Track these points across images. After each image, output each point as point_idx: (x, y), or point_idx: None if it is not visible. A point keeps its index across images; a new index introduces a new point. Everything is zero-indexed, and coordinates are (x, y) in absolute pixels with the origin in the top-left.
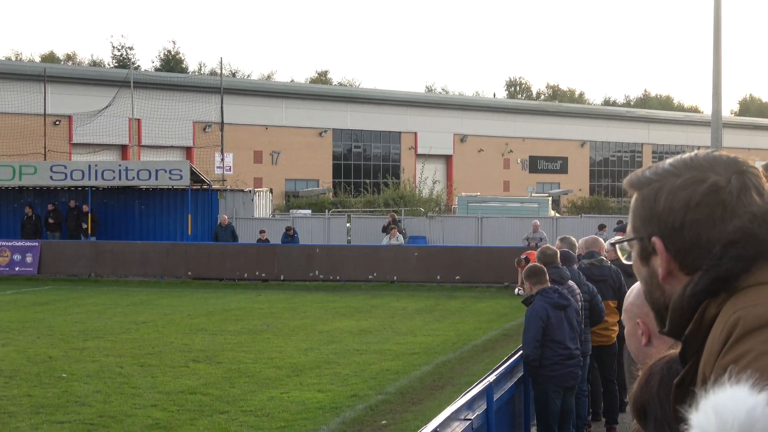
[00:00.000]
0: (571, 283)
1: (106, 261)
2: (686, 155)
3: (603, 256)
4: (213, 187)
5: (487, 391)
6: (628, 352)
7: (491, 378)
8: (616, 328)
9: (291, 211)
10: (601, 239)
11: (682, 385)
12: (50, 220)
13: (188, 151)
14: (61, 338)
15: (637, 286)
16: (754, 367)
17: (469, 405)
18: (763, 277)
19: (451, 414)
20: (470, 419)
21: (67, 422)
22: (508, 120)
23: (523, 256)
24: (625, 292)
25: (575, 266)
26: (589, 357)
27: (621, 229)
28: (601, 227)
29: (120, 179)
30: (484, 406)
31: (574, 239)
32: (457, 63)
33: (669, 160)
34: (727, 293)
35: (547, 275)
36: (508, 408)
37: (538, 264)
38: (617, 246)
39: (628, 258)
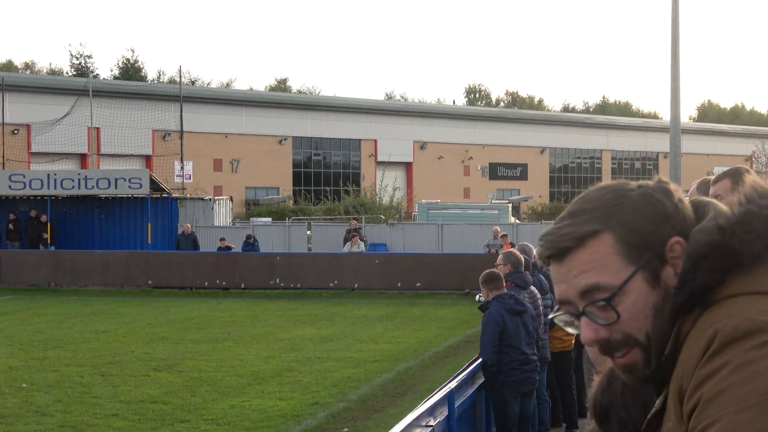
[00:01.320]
0: (532, 288)
1: (65, 270)
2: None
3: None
4: (173, 195)
5: (449, 398)
6: (587, 356)
7: (452, 384)
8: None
9: (251, 219)
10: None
11: (657, 416)
12: (11, 228)
13: (148, 159)
14: (21, 348)
15: None
16: (731, 380)
17: (431, 411)
18: (736, 289)
19: (413, 420)
20: (432, 425)
21: None
22: (467, 127)
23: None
24: None
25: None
26: (547, 363)
27: None
28: None
29: (79, 188)
30: (445, 413)
31: (531, 246)
32: (417, 70)
33: (592, 196)
34: (701, 307)
35: (504, 282)
36: (470, 414)
37: (495, 270)
38: (566, 325)
39: (595, 320)
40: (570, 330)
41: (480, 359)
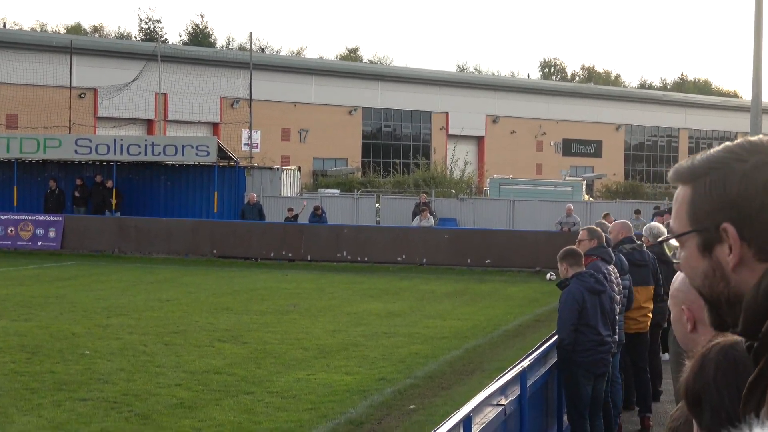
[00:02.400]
0: (612, 267)
1: (130, 237)
2: (740, 141)
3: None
4: (240, 164)
5: (521, 377)
6: (675, 338)
7: (525, 363)
8: (651, 315)
9: (319, 190)
10: (630, 224)
11: (755, 384)
12: (77, 194)
13: (215, 127)
14: (84, 315)
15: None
16: None
17: (503, 390)
18: None
19: (485, 399)
20: (503, 404)
21: (89, 400)
22: (541, 101)
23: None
24: (660, 278)
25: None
26: (621, 345)
27: (659, 214)
28: (637, 213)
29: (146, 154)
30: (517, 392)
31: (607, 224)
32: (491, 42)
33: (719, 148)
34: None
35: (583, 259)
36: (541, 394)
37: (575, 247)
38: (665, 243)
39: (675, 255)
40: (675, 260)
41: (555, 338)
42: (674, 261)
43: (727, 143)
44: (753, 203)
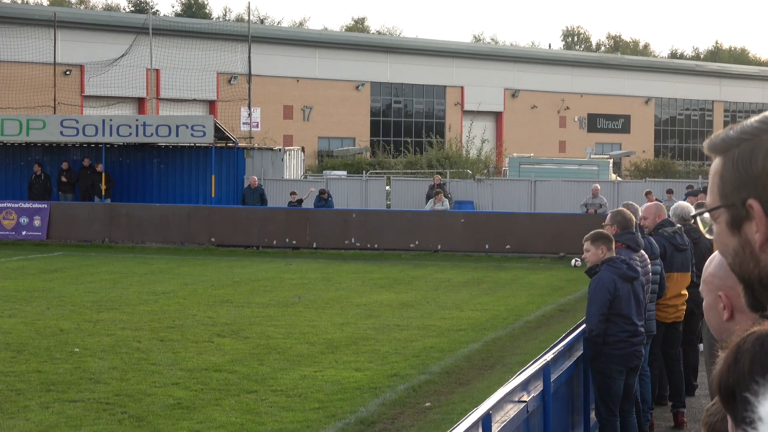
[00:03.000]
0: (642, 252)
1: (121, 225)
2: None
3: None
4: (239, 144)
5: (544, 371)
6: (707, 328)
7: (548, 356)
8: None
9: (324, 172)
10: (664, 207)
11: None
12: (63, 179)
13: (211, 105)
14: (73, 309)
15: (717, 255)
16: None
17: (524, 386)
18: None
19: (505, 395)
20: (525, 401)
21: (80, 401)
22: (564, 74)
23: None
24: (694, 263)
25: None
26: (652, 336)
27: (693, 194)
28: (669, 192)
29: (137, 135)
30: (540, 388)
31: (636, 205)
32: (509, 10)
33: (756, 118)
34: None
35: (614, 243)
36: (567, 390)
37: (604, 230)
38: (698, 218)
39: (710, 231)
40: (709, 235)
41: (580, 328)
42: (708, 236)
43: (766, 113)
44: None
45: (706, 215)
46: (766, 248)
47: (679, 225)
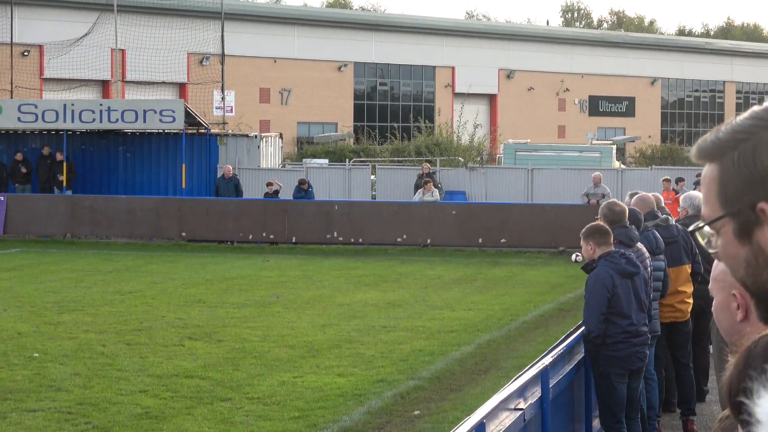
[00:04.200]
0: (639, 245)
1: (84, 219)
2: (765, 105)
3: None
4: (212, 131)
5: (542, 376)
6: (717, 330)
7: (547, 360)
8: (691, 300)
9: (304, 160)
10: (651, 197)
11: None
12: (23, 170)
13: (182, 88)
14: (32, 311)
15: None
16: None
17: (521, 392)
18: None
19: (500, 403)
20: (522, 409)
21: (39, 410)
22: (563, 53)
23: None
24: (697, 255)
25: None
26: (657, 337)
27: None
28: (681, 181)
29: (101, 121)
30: (538, 394)
31: (649, 195)
32: None
33: (744, 115)
34: None
35: (612, 237)
36: (567, 396)
37: (602, 223)
38: (697, 233)
39: (709, 243)
40: (711, 249)
41: (581, 330)
42: (711, 251)
43: (755, 108)
44: None
45: (706, 228)
46: None
47: (664, 216)
